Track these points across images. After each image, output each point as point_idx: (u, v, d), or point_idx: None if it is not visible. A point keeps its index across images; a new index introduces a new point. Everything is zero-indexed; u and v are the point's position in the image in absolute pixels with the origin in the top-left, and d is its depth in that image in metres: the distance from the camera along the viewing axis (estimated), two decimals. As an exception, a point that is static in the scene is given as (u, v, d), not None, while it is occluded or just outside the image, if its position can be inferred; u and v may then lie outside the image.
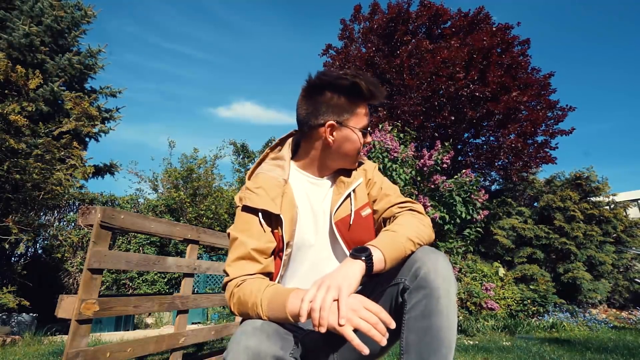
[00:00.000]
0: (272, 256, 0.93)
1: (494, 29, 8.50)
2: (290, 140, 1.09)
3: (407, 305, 0.76)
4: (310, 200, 1.01)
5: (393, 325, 0.68)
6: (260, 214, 0.91)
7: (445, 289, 0.74)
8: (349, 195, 1.01)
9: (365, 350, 0.64)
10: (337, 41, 10.51)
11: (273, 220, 0.92)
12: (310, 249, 0.98)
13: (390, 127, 5.34)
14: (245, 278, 0.86)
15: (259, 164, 1.06)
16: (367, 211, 1.02)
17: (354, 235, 0.98)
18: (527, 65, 8.54)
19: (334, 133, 0.97)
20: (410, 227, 0.87)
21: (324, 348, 0.89)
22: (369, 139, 1.02)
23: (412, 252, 0.83)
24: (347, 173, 1.05)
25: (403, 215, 0.94)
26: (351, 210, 1.00)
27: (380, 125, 5.48)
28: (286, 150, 1.06)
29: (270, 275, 0.92)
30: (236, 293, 0.84)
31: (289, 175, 1.02)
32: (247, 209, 0.93)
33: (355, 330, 0.67)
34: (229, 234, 0.95)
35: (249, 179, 1.02)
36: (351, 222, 0.98)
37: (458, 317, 5.59)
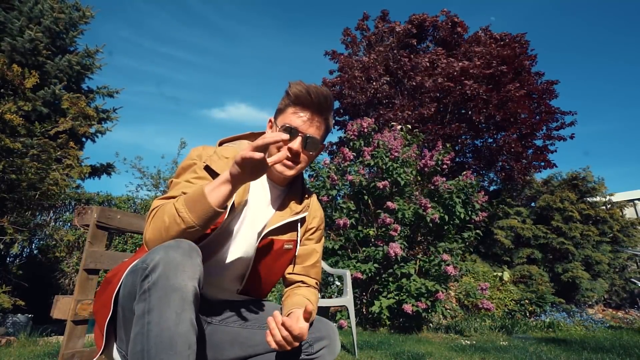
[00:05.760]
0: None
1: (513, 43, 8.73)
2: None
3: None
4: (257, 200, 1.00)
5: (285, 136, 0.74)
6: None
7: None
8: (293, 222, 1.01)
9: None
10: (334, 46, 10.73)
11: None
12: (230, 239, 0.95)
13: (400, 127, 5.37)
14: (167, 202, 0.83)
15: (238, 138, 1.07)
16: (290, 246, 1.02)
17: (267, 259, 0.98)
18: (530, 68, 8.68)
19: (272, 130, 1.01)
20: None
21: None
22: (294, 144, 0.94)
23: None
24: (299, 199, 1.05)
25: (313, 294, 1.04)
26: (297, 239, 1.03)
27: (390, 125, 5.52)
28: None
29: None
30: (155, 215, 0.80)
31: None
32: (208, 169, 0.92)
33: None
34: (171, 181, 0.94)
35: (220, 144, 1.02)
36: (275, 248, 0.98)
37: (456, 317, 5.48)
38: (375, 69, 8.71)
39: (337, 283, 4.83)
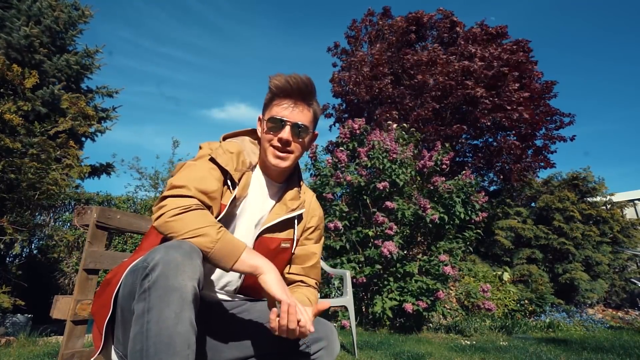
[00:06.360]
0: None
1: (512, 45, 8.69)
2: None
3: None
4: (254, 197, 1.02)
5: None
6: (227, 175, 0.95)
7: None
8: (290, 220, 1.02)
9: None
10: (339, 43, 10.64)
11: (227, 187, 0.95)
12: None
13: (396, 126, 5.34)
14: (201, 205, 0.84)
15: (240, 134, 1.09)
16: (287, 245, 1.03)
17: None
18: (530, 69, 8.66)
19: (262, 126, 1.03)
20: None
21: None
22: (284, 133, 0.96)
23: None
24: (296, 196, 1.06)
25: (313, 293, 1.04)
26: (294, 237, 1.03)
27: (387, 124, 5.49)
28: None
29: None
30: (187, 214, 0.80)
31: (256, 166, 1.05)
32: (213, 161, 0.94)
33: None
34: (187, 163, 0.95)
35: (224, 139, 1.05)
36: (272, 247, 0.99)
37: (456, 317, 5.48)
38: (382, 66, 8.69)
39: (336, 283, 4.82)
